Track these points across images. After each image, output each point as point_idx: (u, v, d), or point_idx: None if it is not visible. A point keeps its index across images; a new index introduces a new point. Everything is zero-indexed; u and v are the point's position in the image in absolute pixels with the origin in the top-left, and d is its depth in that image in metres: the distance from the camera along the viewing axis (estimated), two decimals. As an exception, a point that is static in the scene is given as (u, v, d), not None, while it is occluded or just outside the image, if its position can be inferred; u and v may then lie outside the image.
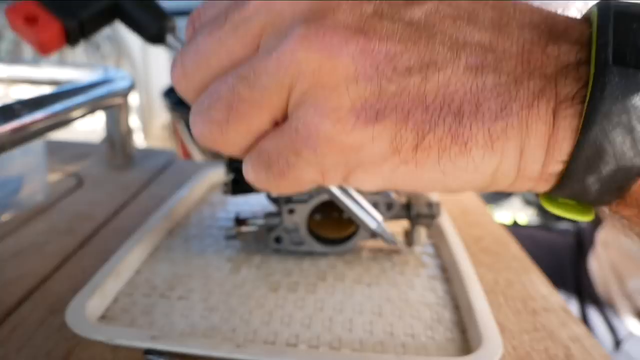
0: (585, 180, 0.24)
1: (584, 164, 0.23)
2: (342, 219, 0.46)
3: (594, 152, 0.23)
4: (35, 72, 0.65)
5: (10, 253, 0.48)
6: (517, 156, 0.24)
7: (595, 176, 0.24)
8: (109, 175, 0.69)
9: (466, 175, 0.25)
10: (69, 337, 0.36)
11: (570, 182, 0.24)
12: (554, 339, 0.38)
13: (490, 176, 0.25)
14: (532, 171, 0.25)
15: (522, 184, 0.26)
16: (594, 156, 0.23)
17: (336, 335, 0.37)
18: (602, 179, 0.24)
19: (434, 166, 0.24)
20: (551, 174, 0.24)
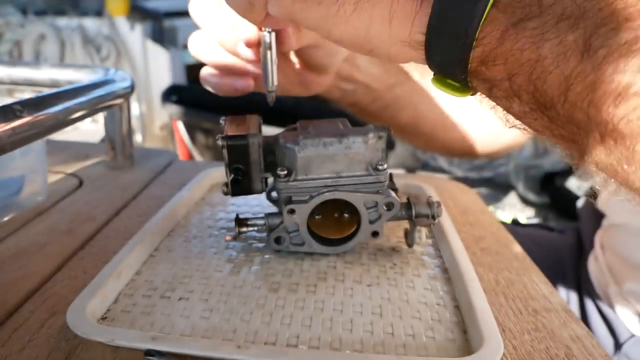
0: (437, 49, 0.31)
1: (434, 35, 0.30)
2: (342, 219, 0.46)
3: (437, 27, 0.30)
4: (35, 73, 0.65)
5: (11, 254, 0.48)
6: (386, 22, 0.32)
7: (442, 47, 0.31)
8: (109, 175, 0.69)
9: (341, 24, 0.32)
10: (69, 338, 0.36)
11: (430, 51, 0.32)
12: (555, 339, 0.38)
13: (364, 32, 0.32)
14: (401, 37, 0.32)
15: (398, 51, 0.33)
16: (437, 29, 0.30)
17: (337, 335, 0.37)
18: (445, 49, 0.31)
19: (316, 8, 0.32)
20: (417, 41, 0.32)
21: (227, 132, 0.45)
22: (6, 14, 3.06)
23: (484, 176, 2.85)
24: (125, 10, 2.92)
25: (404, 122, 0.71)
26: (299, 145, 0.42)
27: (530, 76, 0.29)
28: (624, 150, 0.27)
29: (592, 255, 0.78)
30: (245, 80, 0.49)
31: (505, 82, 0.30)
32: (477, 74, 0.31)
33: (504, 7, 0.29)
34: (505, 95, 0.31)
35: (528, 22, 0.28)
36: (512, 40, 0.29)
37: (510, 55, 0.29)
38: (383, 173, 0.43)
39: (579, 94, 0.27)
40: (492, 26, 0.29)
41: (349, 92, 0.64)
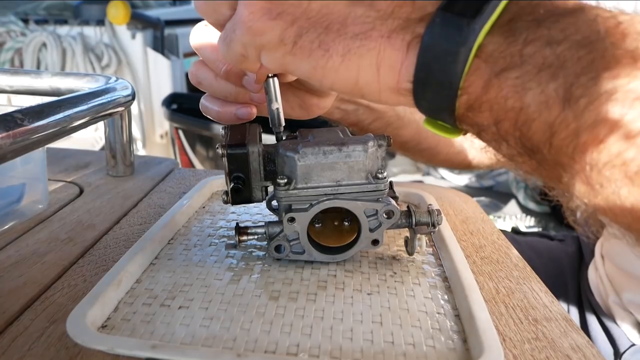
0: (424, 97, 0.32)
1: (420, 84, 0.32)
2: (342, 227, 0.46)
3: (422, 77, 0.31)
4: (36, 81, 0.65)
5: (11, 262, 0.48)
6: (373, 71, 0.33)
7: (428, 95, 0.32)
8: (109, 183, 0.69)
9: (331, 75, 0.34)
10: (69, 346, 0.36)
11: (417, 99, 0.33)
12: (555, 348, 0.38)
13: (354, 81, 0.34)
14: (389, 86, 0.33)
15: (388, 97, 0.34)
16: (423, 80, 0.31)
17: (337, 344, 0.37)
18: (432, 97, 0.32)
19: (306, 60, 0.34)
20: (405, 89, 0.33)
21: (227, 140, 0.45)
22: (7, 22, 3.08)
23: (484, 185, 2.85)
24: (126, 19, 2.92)
25: (406, 139, 0.72)
26: (299, 153, 0.43)
27: (516, 123, 0.30)
28: (610, 194, 0.28)
29: (592, 265, 0.78)
30: (248, 109, 0.49)
31: (492, 127, 0.31)
32: (464, 120, 0.32)
33: (486, 57, 0.30)
34: (493, 138, 0.32)
35: (510, 71, 0.29)
36: (495, 89, 0.30)
37: (495, 103, 0.30)
38: (383, 181, 0.43)
39: (563, 140, 0.28)
40: (476, 76, 0.30)
41: (350, 112, 0.64)
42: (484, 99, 0.30)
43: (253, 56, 0.37)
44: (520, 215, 2.53)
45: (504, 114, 0.30)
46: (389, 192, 0.46)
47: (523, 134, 0.30)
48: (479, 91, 0.30)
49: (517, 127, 0.30)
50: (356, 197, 0.44)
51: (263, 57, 0.36)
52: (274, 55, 0.35)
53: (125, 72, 3.08)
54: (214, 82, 0.49)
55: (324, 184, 0.43)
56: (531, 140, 0.30)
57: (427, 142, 0.73)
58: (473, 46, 0.30)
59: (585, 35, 0.28)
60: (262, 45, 0.35)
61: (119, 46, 3.07)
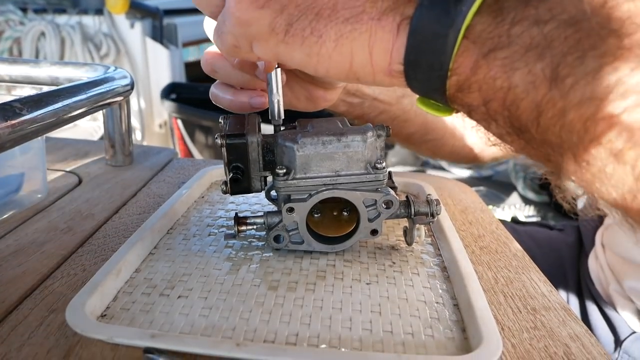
0: (415, 78, 0.33)
1: (411, 66, 0.32)
2: (341, 217, 0.46)
3: (413, 60, 0.32)
4: (35, 71, 0.65)
5: (10, 251, 0.48)
6: (366, 54, 0.33)
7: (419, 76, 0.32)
8: (108, 173, 0.69)
9: (325, 61, 0.34)
10: (69, 335, 0.36)
11: (409, 80, 0.33)
12: (554, 337, 0.38)
13: (348, 65, 0.34)
14: (382, 68, 0.34)
15: (382, 79, 0.35)
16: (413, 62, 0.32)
17: (336, 333, 0.37)
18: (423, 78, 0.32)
19: (299, 48, 0.34)
20: (397, 71, 0.33)
21: (226, 130, 0.45)
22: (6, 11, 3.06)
23: (483, 175, 2.86)
24: (124, 8, 2.91)
25: (412, 132, 0.72)
26: (298, 143, 0.42)
27: (504, 103, 0.30)
28: (596, 171, 0.28)
29: (592, 253, 0.78)
30: (262, 98, 0.49)
31: (481, 107, 0.31)
32: (455, 99, 0.33)
33: (475, 38, 0.30)
34: (483, 118, 0.32)
35: (498, 52, 0.29)
36: (484, 69, 0.30)
37: (483, 83, 0.30)
38: (382, 171, 0.43)
39: (550, 119, 0.28)
40: (464, 57, 0.30)
41: (356, 105, 0.64)
42: (473, 79, 0.30)
43: (245, 47, 0.37)
44: (519, 204, 2.54)
45: (493, 93, 0.30)
46: (388, 182, 0.46)
47: (511, 114, 0.30)
48: (468, 72, 0.31)
49: (506, 107, 0.30)
50: (355, 187, 0.44)
51: (255, 47, 0.36)
52: (266, 45, 0.35)
53: (124, 61, 3.07)
54: (229, 71, 0.48)
55: (323, 174, 0.43)
56: (519, 120, 0.30)
57: (433, 135, 0.73)
58: (461, 28, 0.30)
59: (572, 15, 0.28)
60: (252, 36, 0.35)
61: (117, 35, 3.06)
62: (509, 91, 0.29)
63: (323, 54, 0.34)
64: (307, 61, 0.35)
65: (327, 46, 0.33)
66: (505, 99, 0.30)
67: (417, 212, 0.46)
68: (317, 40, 0.33)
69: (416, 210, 0.46)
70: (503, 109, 0.30)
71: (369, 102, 0.64)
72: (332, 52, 0.34)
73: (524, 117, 0.30)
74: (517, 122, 0.30)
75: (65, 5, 3.20)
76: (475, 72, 0.30)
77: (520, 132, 0.31)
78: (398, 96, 0.66)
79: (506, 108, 0.30)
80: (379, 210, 0.44)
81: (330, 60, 0.34)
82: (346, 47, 0.33)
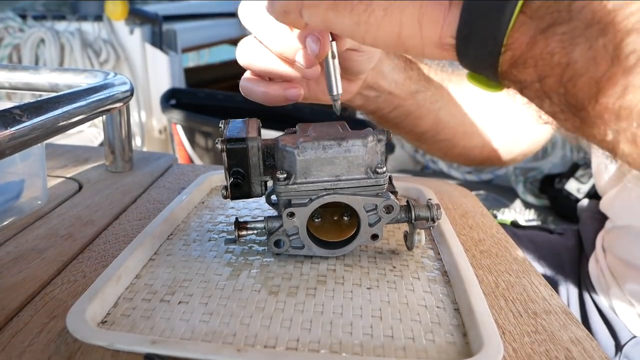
0: (467, 53, 0.32)
1: (463, 40, 0.32)
2: (341, 222, 0.46)
3: (466, 34, 0.31)
4: (35, 77, 0.65)
5: (10, 258, 0.48)
6: (415, 25, 0.33)
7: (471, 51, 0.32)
8: (108, 179, 0.69)
9: (374, 30, 0.34)
10: (69, 342, 0.36)
11: (460, 54, 0.33)
12: (555, 341, 0.38)
13: (396, 35, 0.34)
14: (433, 41, 0.33)
15: (431, 51, 0.35)
16: (467, 36, 0.31)
17: (337, 338, 0.37)
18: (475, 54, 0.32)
19: (348, 15, 0.34)
20: (448, 44, 0.33)
21: (226, 135, 0.45)
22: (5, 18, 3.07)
23: (483, 179, 2.85)
24: (124, 15, 2.91)
25: (424, 130, 0.72)
26: (298, 148, 0.43)
27: (561, 79, 0.29)
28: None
29: (593, 257, 0.78)
30: (297, 89, 0.48)
31: (536, 84, 0.31)
32: (508, 76, 0.32)
33: (532, 12, 0.29)
34: (536, 95, 0.32)
35: (557, 27, 0.29)
36: (541, 45, 0.29)
37: (540, 59, 0.30)
38: (382, 176, 0.43)
39: (609, 97, 0.28)
40: (521, 32, 0.30)
41: (371, 99, 0.64)
42: (529, 54, 0.30)
43: (295, 12, 0.37)
44: (519, 208, 2.54)
45: (550, 69, 0.29)
46: (388, 187, 0.46)
47: (568, 91, 0.29)
48: (524, 47, 0.30)
49: (562, 84, 0.29)
50: (356, 192, 0.44)
51: (304, 13, 0.36)
52: (316, 11, 0.35)
53: (123, 67, 3.07)
54: (267, 61, 0.47)
55: (323, 179, 0.43)
56: (576, 97, 0.29)
57: (445, 134, 0.73)
58: (518, 2, 0.29)
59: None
60: (302, 2, 0.36)
61: (117, 42, 3.06)
62: (567, 67, 0.29)
63: (372, 23, 0.34)
64: (356, 29, 0.35)
65: (375, 15, 0.33)
66: (562, 76, 0.29)
67: (417, 216, 0.46)
68: (366, 8, 0.33)
69: (417, 214, 0.46)
70: (559, 85, 0.30)
71: (384, 97, 0.64)
72: (381, 21, 0.33)
73: (581, 94, 0.29)
74: (573, 100, 0.29)
75: (65, 11, 3.21)
76: (531, 48, 0.30)
77: (576, 109, 0.30)
78: (412, 92, 0.66)
79: (563, 85, 0.29)
80: (379, 215, 0.44)
81: (378, 29, 0.34)
82: (395, 16, 0.33)
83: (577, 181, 2.35)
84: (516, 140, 0.78)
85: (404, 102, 0.66)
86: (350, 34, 0.36)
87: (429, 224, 0.46)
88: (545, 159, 2.56)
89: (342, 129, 0.46)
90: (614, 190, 0.73)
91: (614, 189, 0.73)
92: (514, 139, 0.78)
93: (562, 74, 0.29)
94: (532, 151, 0.83)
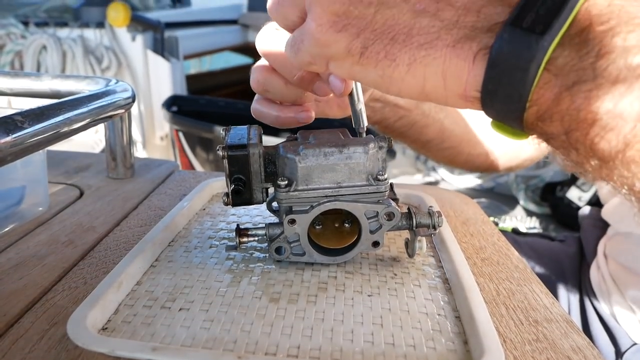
0: (492, 106, 0.33)
1: (488, 95, 0.32)
2: (343, 229, 0.46)
3: (491, 89, 0.31)
4: (36, 84, 0.65)
5: (12, 264, 0.48)
6: (440, 79, 0.33)
7: (497, 104, 0.32)
8: (110, 186, 0.69)
9: (398, 83, 0.35)
10: (70, 348, 0.36)
11: (485, 107, 0.33)
12: (556, 349, 0.38)
13: (420, 88, 0.34)
14: (456, 93, 0.34)
15: (455, 102, 0.35)
16: (491, 92, 0.32)
17: (337, 346, 0.37)
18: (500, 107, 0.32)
19: (373, 70, 0.35)
20: (473, 97, 0.33)
21: (227, 142, 0.45)
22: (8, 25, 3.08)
23: (484, 186, 2.86)
24: (126, 21, 2.93)
25: (429, 138, 0.72)
26: (299, 155, 0.43)
27: (588, 134, 0.29)
28: None
29: (594, 264, 0.78)
30: (309, 112, 0.50)
31: (562, 136, 0.31)
32: (534, 128, 0.32)
33: (557, 70, 0.29)
34: (562, 146, 0.32)
35: (582, 84, 0.29)
36: (567, 101, 0.29)
37: (566, 114, 0.30)
38: (383, 183, 0.43)
39: (637, 151, 0.28)
40: (545, 89, 0.30)
41: (377, 110, 0.65)
42: (555, 110, 0.30)
43: (322, 65, 0.38)
44: (520, 216, 2.54)
45: (576, 124, 0.29)
46: (390, 194, 0.46)
47: (595, 144, 0.29)
48: (549, 103, 0.30)
49: (589, 138, 0.29)
50: (357, 199, 0.44)
51: (331, 66, 0.37)
52: (342, 65, 0.36)
53: (125, 74, 3.08)
54: (283, 89, 0.49)
55: (324, 186, 0.43)
56: (603, 151, 0.29)
57: (449, 143, 0.73)
58: (542, 61, 0.29)
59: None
60: (329, 56, 0.37)
61: (119, 48, 3.08)
62: (594, 124, 0.29)
63: (396, 77, 0.34)
64: (380, 82, 0.36)
65: (399, 70, 0.34)
66: (589, 131, 0.29)
67: (418, 223, 0.46)
68: (391, 63, 0.34)
69: (418, 222, 0.46)
70: (585, 139, 0.30)
71: (389, 108, 0.65)
72: (405, 75, 0.34)
73: (607, 148, 0.29)
74: (600, 153, 0.30)
75: (67, 18, 3.22)
76: (557, 104, 0.30)
77: (604, 161, 0.30)
78: (418, 102, 0.67)
79: (589, 139, 0.29)
80: (380, 222, 0.44)
81: (402, 83, 0.34)
82: (419, 71, 0.33)
83: (579, 189, 2.35)
84: (522, 146, 0.78)
85: (410, 112, 0.67)
86: (375, 85, 0.36)
87: (430, 231, 0.46)
88: (547, 167, 2.57)
89: (343, 136, 0.46)
90: (617, 197, 0.73)
91: (617, 197, 0.73)
92: (520, 145, 0.78)
93: (588, 130, 0.29)
94: (538, 157, 0.83)
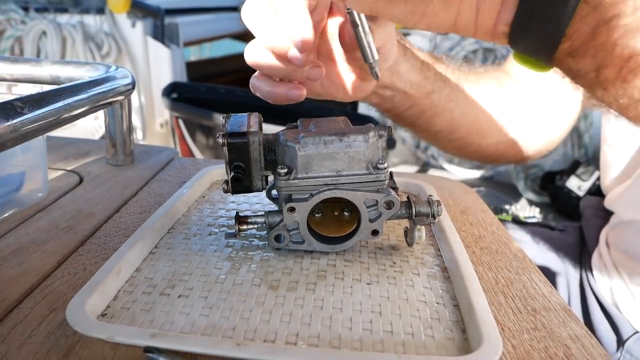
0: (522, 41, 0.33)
1: (520, 29, 0.32)
2: (342, 217, 0.46)
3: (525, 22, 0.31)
4: (36, 70, 0.65)
5: (11, 250, 0.48)
6: (473, 14, 0.33)
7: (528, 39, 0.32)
8: (109, 172, 0.69)
9: (429, 18, 0.34)
10: (69, 334, 0.36)
11: (514, 40, 0.33)
12: (554, 338, 0.38)
13: (451, 23, 0.34)
14: (486, 28, 0.34)
15: (482, 36, 0.35)
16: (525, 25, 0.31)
17: (336, 333, 0.37)
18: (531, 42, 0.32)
19: (403, 6, 0.34)
20: (501, 32, 0.33)
21: (227, 129, 0.45)
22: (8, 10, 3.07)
23: (484, 175, 2.85)
24: (126, 8, 2.91)
25: (439, 128, 0.72)
26: (299, 143, 0.42)
27: (621, 70, 0.29)
28: None
29: (596, 252, 0.78)
30: (299, 90, 0.50)
31: (591, 74, 0.31)
32: (562, 64, 0.32)
33: (595, 4, 0.29)
34: (589, 84, 0.31)
35: (621, 18, 0.28)
36: (603, 35, 0.29)
37: (601, 49, 0.29)
38: (383, 172, 0.43)
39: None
40: (582, 22, 0.29)
41: (387, 98, 0.65)
42: (589, 45, 0.29)
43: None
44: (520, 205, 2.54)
45: (610, 60, 0.29)
46: (389, 183, 0.46)
47: (627, 81, 0.29)
48: (585, 37, 0.29)
49: (621, 75, 0.29)
50: (356, 188, 0.43)
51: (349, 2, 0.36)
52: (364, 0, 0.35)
53: (125, 60, 3.07)
54: (272, 64, 0.49)
55: (324, 174, 0.43)
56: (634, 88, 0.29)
57: (459, 132, 0.73)
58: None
59: None
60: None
61: (119, 35, 3.06)
62: (630, 59, 0.28)
63: (428, 13, 0.33)
64: (409, 17, 0.34)
65: (433, 5, 0.33)
66: (622, 67, 0.29)
67: (418, 212, 0.46)
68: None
69: (417, 211, 0.46)
70: (617, 76, 0.29)
71: (399, 96, 0.65)
72: (439, 10, 0.33)
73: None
74: (630, 91, 0.29)
75: (67, 4, 3.21)
76: (593, 38, 0.29)
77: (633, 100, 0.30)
78: (427, 92, 0.66)
79: (621, 76, 0.29)
80: (380, 211, 0.44)
81: (434, 18, 0.34)
82: (453, 6, 0.33)
83: (578, 178, 2.35)
84: (531, 138, 0.78)
85: (419, 101, 0.67)
86: (401, 21, 0.35)
87: (429, 220, 0.46)
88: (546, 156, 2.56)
89: (343, 125, 0.46)
90: (622, 186, 0.73)
91: (621, 185, 0.73)
92: (529, 137, 0.78)
93: (622, 65, 0.29)
94: (547, 149, 0.83)
